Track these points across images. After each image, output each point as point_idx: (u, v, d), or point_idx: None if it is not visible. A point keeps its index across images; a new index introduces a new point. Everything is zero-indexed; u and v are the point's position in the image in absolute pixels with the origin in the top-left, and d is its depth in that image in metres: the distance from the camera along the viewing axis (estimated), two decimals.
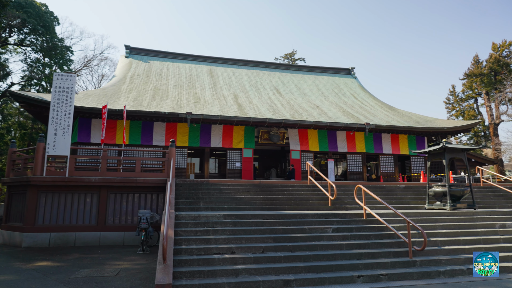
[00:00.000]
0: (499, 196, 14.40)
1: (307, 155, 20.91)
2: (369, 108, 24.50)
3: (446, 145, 11.49)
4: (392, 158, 22.42)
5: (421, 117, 24.08)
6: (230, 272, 6.60)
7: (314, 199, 12.07)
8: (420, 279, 7.05)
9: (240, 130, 19.91)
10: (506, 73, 39.19)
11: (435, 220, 9.99)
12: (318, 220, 9.21)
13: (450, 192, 11.30)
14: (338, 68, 31.72)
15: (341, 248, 7.97)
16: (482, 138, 43.65)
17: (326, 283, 6.62)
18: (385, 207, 9.72)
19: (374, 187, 13.74)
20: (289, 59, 53.06)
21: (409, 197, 13.29)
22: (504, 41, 42.52)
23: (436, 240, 8.65)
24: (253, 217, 9.01)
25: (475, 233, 9.42)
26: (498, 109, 40.35)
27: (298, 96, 25.06)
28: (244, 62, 29.28)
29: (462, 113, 45.04)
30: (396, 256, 7.86)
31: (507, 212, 11.15)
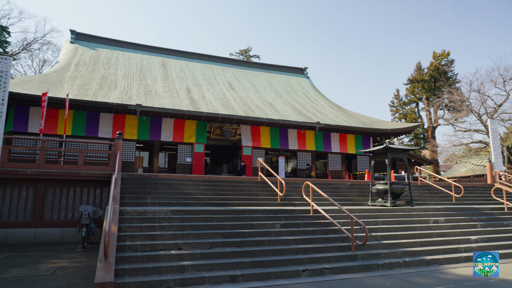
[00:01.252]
0: (434, 194, 15.51)
1: (258, 152, 21.08)
2: (320, 107, 25.23)
3: (389, 145, 12.14)
4: (339, 156, 23.31)
5: (367, 118, 25.25)
6: (176, 269, 6.46)
7: (264, 195, 12.19)
8: (361, 272, 7.39)
9: (192, 124, 19.58)
10: (444, 81, 42.32)
11: (377, 216, 10.53)
12: (267, 216, 9.30)
13: (391, 190, 11.97)
14: (291, 67, 32.30)
15: (288, 243, 8.12)
16: (421, 140, 46.79)
17: (272, 277, 6.70)
18: (331, 204, 10.06)
19: (322, 184, 14.17)
20: (244, 55, 53.12)
21: (354, 194, 13.87)
22: (443, 51, 45.84)
23: (377, 235, 9.11)
24: (202, 212, 8.89)
25: (411, 228, 10.05)
26: (436, 114, 43.49)
27: (251, 92, 25.16)
28: (198, 56, 28.82)
29: (405, 116, 47.94)
30: (339, 250, 8.16)
31: (440, 208, 12.05)
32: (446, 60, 45.48)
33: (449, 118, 37.90)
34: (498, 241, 10.06)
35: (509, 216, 12.52)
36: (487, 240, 10.03)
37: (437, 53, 46.01)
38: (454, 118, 36.27)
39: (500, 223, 11.51)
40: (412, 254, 8.48)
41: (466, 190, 16.31)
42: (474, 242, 9.79)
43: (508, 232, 10.94)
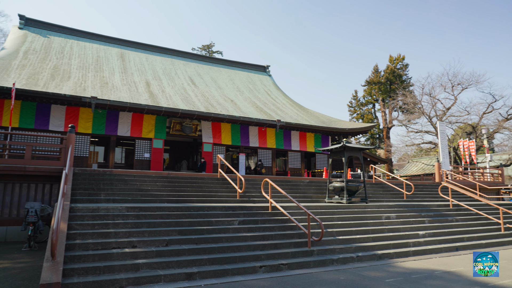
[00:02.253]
0: (387, 191, 16.21)
1: (219, 148, 20.95)
2: (281, 105, 25.51)
3: (346, 144, 12.51)
4: (299, 154, 23.72)
5: (327, 117, 25.89)
6: (129, 267, 6.25)
7: (223, 192, 12.13)
8: (316, 267, 7.55)
9: (151, 119, 19.05)
10: (399, 83, 44.33)
11: (333, 212, 10.82)
12: (226, 212, 9.26)
13: (347, 187, 12.35)
14: (254, 64, 32.36)
15: (246, 240, 8.13)
16: (377, 140, 48.79)
17: (229, 274, 6.67)
18: (290, 201, 10.24)
19: (281, 182, 14.34)
20: (207, 50, 52.53)
21: (312, 191, 14.17)
22: (399, 55, 47.99)
23: (333, 231, 9.36)
24: (159, 209, 8.67)
25: (365, 224, 10.43)
26: (391, 115, 45.49)
27: (213, 88, 24.93)
28: (159, 49, 28.07)
29: (362, 116, 49.72)
30: (296, 246, 8.30)
31: (392, 205, 12.61)
32: (401, 64, 47.70)
33: (402, 120, 39.82)
34: (443, 236, 10.69)
35: (453, 212, 13.38)
36: (433, 235, 10.63)
37: (393, 57, 48.10)
38: (407, 119, 38.15)
39: (445, 219, 12.25)
40: (365, 249, 8.80)
41: (416, 188, 17.20)
42: (422, 237, 10.34)
43: (452, 227, 11.68)
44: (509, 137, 34.46)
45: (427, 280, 6.60)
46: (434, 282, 6.49)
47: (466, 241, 10.65)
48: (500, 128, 32.44)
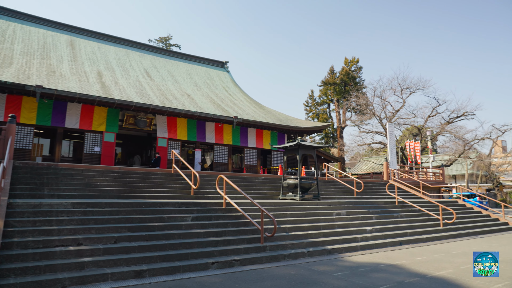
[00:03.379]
0: (339, 189, 16.79)
1: (174, 144, 20.52)
2: (238, 102, 25.50)
3: (301, 142, 12.76)
4: (255, 151, 23.86)
5: (283, 115, 26.27)
6: (74, 266, 5.93)
7: (177, 188, 11.90)
8: (268, 263, 7.64)
9: (102, 111, 18.22)
10: (353, 85, 46.01)
11: (286, 209, 11.01)
12: (179, 209, 9.09)
13: (300, 185, 12.61)
14: (212, 60, 32.04)
15: (198, 236, 8.04)
16: (331, 139, 50.33)
17: (180, 271, 6.56)
18: (244, 197, 10.25)
19: (236, 178, 14.34)
20: (164, 43, 51.20)
21: (266, 188, 14.32)
22: (353, 58, 49.76)
23: (285, 227, 9.52)
24: (108, 205, 8.32)
25: (317, 220, 10.73)
26: (344, 115, 47.11)
27: (169, 82, 24.35)
28: (113, 39, 26.87)
29: (317, 115, 51.02)
30: (249, 242, 8.34)
31: (342, 202, 13.08)
32: (356, 66, 49.53)
33: (355, 120, 41.40)
34: (389, 231, 11.27)
35: (399, 209, 14.15)
36: (380, 230, 11.17)
37: (348, 59, 49.81)
38: (359, 120, 39.72)
39: (391, 215, 12.93)
40: (316, 244, 9.05)
41: (366, 185, 17.99)
42: (369, 232, 10.83)
43: (397, 223, 12.35)
44: (450, 139, 37.03)
45: (372, 273, 6.91)
46: (378, 274, 6.82)
47: (409, 236, 11.30)
48: (443, 131, 34.77)
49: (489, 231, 14.30)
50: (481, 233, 13.82)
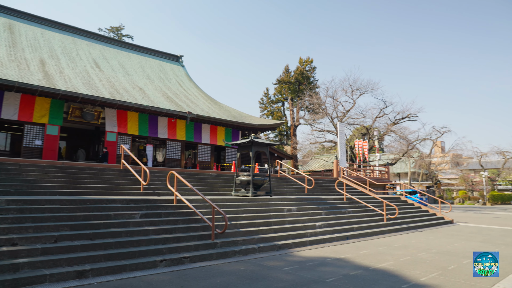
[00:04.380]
0: (291, 185, 17.13)
1: (125, 138, 19.76)
2: (192, 97, 25.09)
3: (254, 139, 12.84)
4: (209, 148, 23.65)
5: (238, 112, 26.27)
6: (6, 268, 5.49)
7: (126, 184, 11.47)
8: (219, 259, 7.61)
9: (45, 102, 17.07)
10: (307, 84, 47.10)
11: (238, 205, 11.02)
12: (127, 205, 8.76)
13: (253, 181, 12.70)
14: (166, 53, 31.22)
15: (147, 233, 7.80)
16: (284, 137, 51.19)
17: (126, 270, 6.33)
18: (196, 193, 10.11)
19: (188, 174, 14.13)
20: (115, 33, 49.04)
21: (219, 185, 14.24)
22: (308, 58, 50.92)
23: (237, 223, 9.54)
24: (48, 202, 7.81)
25: (268, 216, 10.86)
26: (298, 114, 48.10)
27: (120, 74, 23.37)
28: (59, 25, 25.22)
29: (272, 113, 51.64)
30: (200, 239, 8.25)
31: (294, 198, 13.36)
32: (310, 66, 50.75)
33: (308, 119, 42.45)
34: (337, 226, 11.69)
35: (347, 205, 14.72)
36: (328, 226, 11.55)
37: (302, 59, 50.90)
38: (312, 119, 40.77)
39: (339, 211, 13.42)
40: (266, 240, 9.16)
41: (317, 182, 18.52)
42: (318, 227, 11.16)
43: (344, 218, 12.84)
44: (395, 139, 39.18)
45: (320, 267, 7.13)
46: (325, 268, 7.05)
47: (355, 231, 11.80)
48: (389, 131, 36.70)
49: (427, 225, 15.34)
50: (420, 227, 14.78)
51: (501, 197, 53.01)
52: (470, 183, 55.60)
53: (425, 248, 9.76)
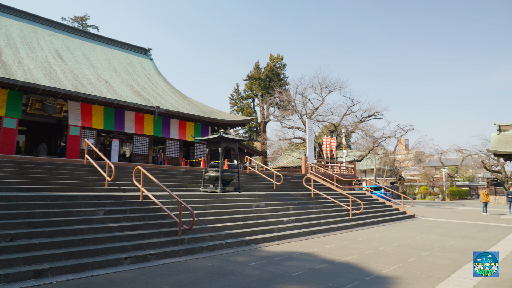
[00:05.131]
0: (260, 181, 17.20)
1: (89, 133, 19.07)
2: (161, 92, 24.59)
3: (223, 135, 12.76)
4: (178, 143, 23.30)
5: (208, 108, 26.03)
6: None
7: (89, 180, 11.07)
8: (185, 256, 7.52)
9: (2, 94, 16.15)
10: (277, 81, 47.38)
11: (206, 201, 10.95)
12: (90, 202, 8.46)
13: (221, 177, 12.64)
14: (134, 45, 30.35)
15: (111, 230, 7.58)
16: (254, 133, 51.34)
17: (88, 268, 6.12)
18: (163, 190, 9.93)
19: (156, 170, 13.86)
20: (80, 23, 47.12)
21: (187, 181, 14.07)
22: (278, 55, 51.21)
23: (205, 219, 9.47)
24: (3, 199, 7.39)
25: (236, 212, 10.86)
26: (268, 110, 48.33)
27: (85, 66, 22.50)
28: (17, 12, 23.82)
29: (242, 109, 51.60)
30: (167, 235, 8.12)
31: (262, 194, 13.43)
32: (280, 63, 51.06)
33: (278, 115, 42.79)
34: (304, 222, 11.88)
35: (314, 200, 14.99)
36: (296, 221, 11.71)
37: (273, 56, 51.13)
38: (282, 115, 41.13)
39: (307, 206, 13.64)
40: (234, 236, 9.15)
41: (285, 178, 18.71)
42: (286, 223, 11.29)
43: (312, 214, 13.06)
44: (362, 136, 40.31)
45: (286, 261, 7.22)
46: (292, 262, 7.14)
47: (322, 226, 12.04)
48: (356, 129, 37.66)
49: (390, 220, 15.91)
50: (384, 221, 15.31)
51: (459, 192, 55.91)
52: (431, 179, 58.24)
53: (388, 241, 10.12)
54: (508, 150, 20.95)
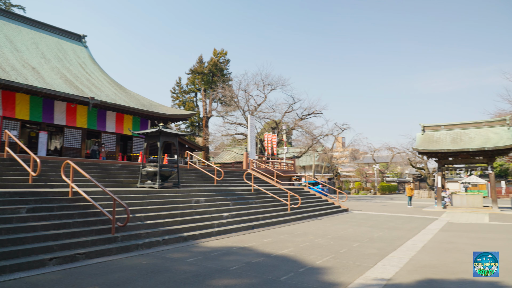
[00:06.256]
0: (200, 177, 16.99)
1: (12, 123, 17.39)
2: (97, 82, 23.18)
3: (162, 129, 12.38)
4: (115, 137, 22.18)
5: (148, 100, 25.08)
6: None
7: (10, 175, 10.09)
8: (119, 254, 7.18)
9: None
10: (220, 76, 47.12)
11: (143, 197, 10.56)
12: (10, 199, 7.72)
13: (160, 172, 12.26)
14: (67, 31, 28.16)
15: (35, 230, 6.99)
16: (196, 128, 50.59)
17: (6, 271, 5.58)
18: (96, 185, 9.36)
19: (89, 165, 13.06)
20: (2, 1, 42.71)
21: (123, 176, 13.45)
22: (222, 50, 50.92)
23: (141, 215, 9.12)
24: None
25: (175, 208, 10.62)
26: (211, 105, 47.91)
27: (7, 50, 20.44)
28: None
29: (184, 103, 50.56)
30: (98, 233, 7.69)
31: (202, 190, 13.29)
32: (224, 58, 50.79)
33: (221, 111, 42.62)
34: (243, 217, 11.97)
35: (254, 196, 15.17)
36: (235, 216, 11.76)
37: (217, 51, 50.69)
38: (224, 111, 41.02)
39: (247, 201, 13.77)
40: (172, 232, 8.94)
41: (226, 174, 18.70)
42: (226, 218, 11.29)
43: (251, 209, 13.22)
44: (302, 133, 41.64)
45: (224, 256, 7.21)
46: (230, 257, 7.16)
47: (261, 220, 12.23)
48: (296, 126, 38.78)
49: (326, 213, 16.64)
50: (320, 215, 15.97)
51: (389, 187, 60.29)
52: (365, 175, 62.07)
53: (323, 234, 10.57)
54: (431, 149, 22.94)
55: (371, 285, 5.42)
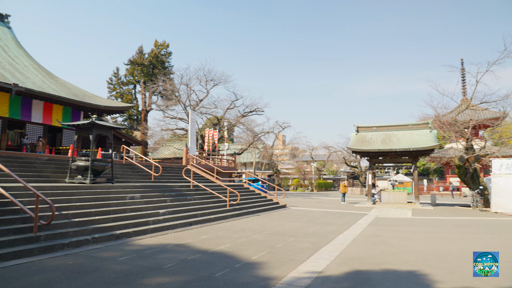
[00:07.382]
0: (136, 172, 16.32)
1: None
2: (21, 68, 21.17)
3: (95, 121, 11.68)
4: (42, 128, 20.47)
5: (81, 90, 23.48)
6: None
7: None
8: (41, 254, 6.63)
9: None
10: (161, 69, 45.67)
11: (72, 193, 9.87)
12: None
13: (92, 167, 11.55)
14: None
15: None
16: (134, 122, 48.50)
17: None
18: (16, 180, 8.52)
19: (10, 158, 11.90)
20: None
21: (50, 171, 12.45)
22: (164, 42, 49.40)
23: (68, 213, 8.51)
24: None
25: (108, 205, 10.07)
26: (150, 98, 46.23)
27: None
28: None
29: (122, 95, 48.19)
30: (17, 233, 7.03)
31: (138, 186, 12.78)
32: (165, 51, 49.24)
33: (161, 105, 41.26)
34: (181, 213, 11.74)
35: (193, 192, 14.94)
36: (173, 213, 11.49)
37: (158, 42, 48.97)
38: (165, 105, 39.79)
39: (185, 198, 13.51)
40: (103, 230, 8.47)
41: (165, 170, 18.19)
42: (162, 215, 10.97)
43: (189, 205, 13.00)
44: (243, 130, 41.85)
45: (159, 254, 7.00)
46: (164, 255, 6.96)
47: (199, 217, 12.08)
48: (238, 123, 38.89)
49: (265, 210, 16.93)
50: (259, 211, 16.20)
51: (325, 184, 63.09)
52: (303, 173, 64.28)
53: (260, 230, 10.73)
54: (363, 148, 24.39)
55: (303, 278, 5.61)
